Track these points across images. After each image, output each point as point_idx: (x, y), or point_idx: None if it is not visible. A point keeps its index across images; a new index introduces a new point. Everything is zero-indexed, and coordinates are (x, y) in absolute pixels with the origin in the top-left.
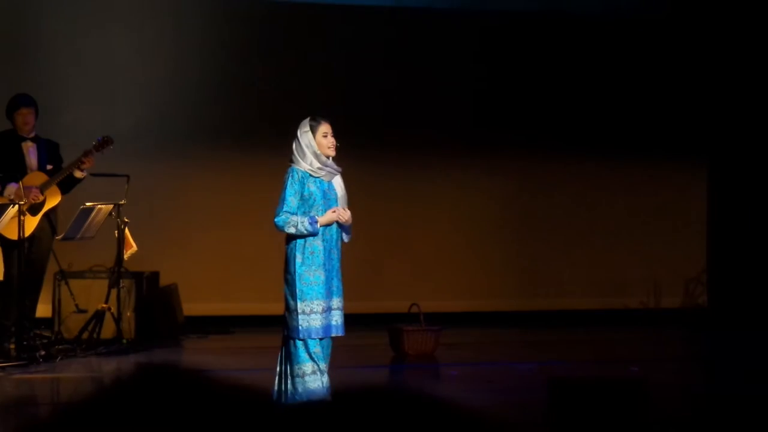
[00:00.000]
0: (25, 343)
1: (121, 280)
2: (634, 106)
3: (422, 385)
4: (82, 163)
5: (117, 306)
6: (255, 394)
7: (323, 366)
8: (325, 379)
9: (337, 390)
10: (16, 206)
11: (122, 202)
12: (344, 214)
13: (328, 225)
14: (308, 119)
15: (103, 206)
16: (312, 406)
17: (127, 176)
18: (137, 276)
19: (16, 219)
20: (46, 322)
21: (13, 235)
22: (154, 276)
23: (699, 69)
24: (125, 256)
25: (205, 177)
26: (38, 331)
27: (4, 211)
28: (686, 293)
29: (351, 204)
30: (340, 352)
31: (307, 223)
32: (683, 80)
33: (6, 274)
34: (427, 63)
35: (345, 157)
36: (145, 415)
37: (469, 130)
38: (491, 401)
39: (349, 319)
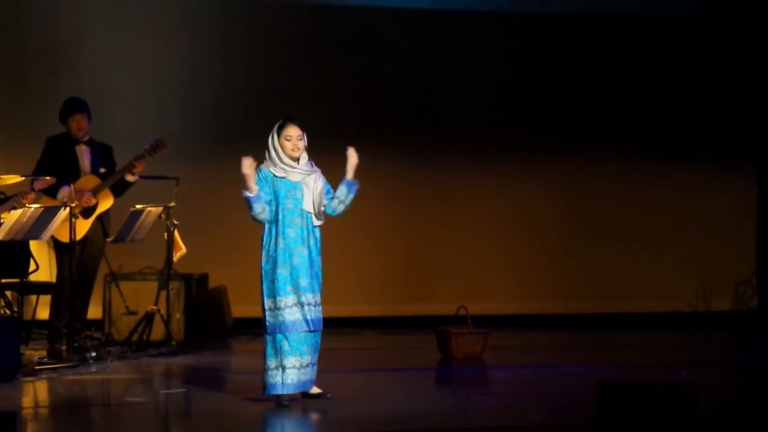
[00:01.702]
0: (76, 344)
1: (170, 282)
2: (682, 108)
3: None
4: (134, 167)
5: (166, 308)
6: None
7: (307, 359)
8: (307, 371)
9: None
10: (68, 209)
11: (172, 204)
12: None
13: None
14: (279, 122)
15: (152, 209)
16: None
17: (177, 179)
18: (186, 278)
19: (68, 222)
20: (97, 324)
21: (65, 237)
22: (204, 278)
23: (749, 71)
24: (175, 259)
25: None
26: (89, 333)
27: (56, 214)
28: (736, 296)
29: (398, 206)
30: (387, 354)
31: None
32: (733, 82)
33: (58, 276)
34: (469, 63)
35: (390, 161)
36: None
37: (516, 133)
38: (539, 404)
39: (397, 322)
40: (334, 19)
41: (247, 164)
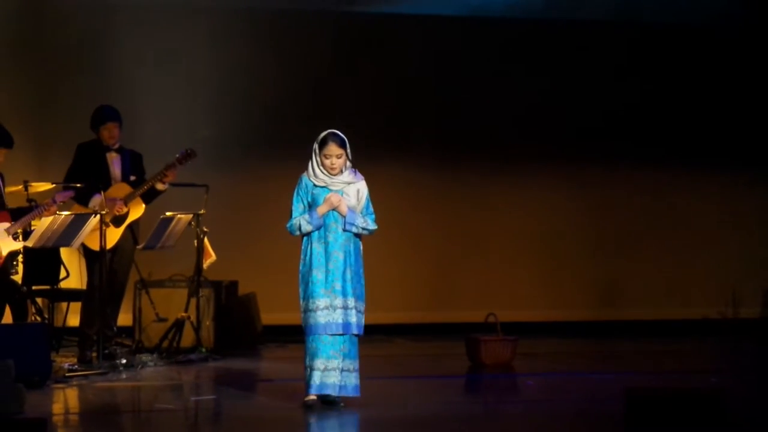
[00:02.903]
0: (106, 351)
1: (200, 289)
2: (707, 116)
3: None
4: (165, 176)
5: (196, 315)
6: None
7: (334, 363)
8: (331, 374)
9: None
10: (98, 216)
11: (201, 211)
12: (334, 198)
13: (328, 210)
14: (321, 136)
15: (182, 216)
16: None
17: (207, 186)
18: (216, 285)
19: (99, 230)
20: (127, 331)
21: (96, 245)
22: (233, 285)
23: None
24: (204, 266)
25: (284, 187)
26: (119, 340)
27: (87, 221)
28: (765, 303)
29: (427, 214)
30: (417, 361)
31: (306, 218)
32: (761, 88)
33: (89, 283)
34: (496, 72)
35: (419, 169)
36: None
37: (547, 140)
38: (568, 412)
39: (426, 329)
40: (362, 27)
41: (337, 200)
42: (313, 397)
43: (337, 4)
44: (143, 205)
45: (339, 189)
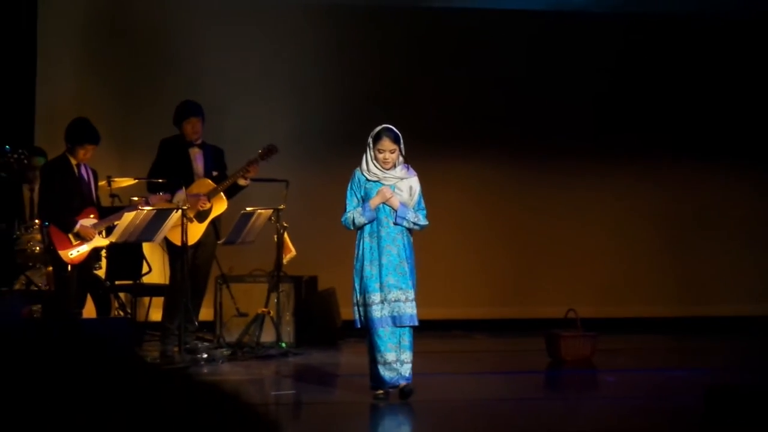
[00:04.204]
0: (188, 346)
1: (280, 285)
2: (754, 113)
3: None
4: (248, 171)
5: (276, 310)
6: None
7: (392, 356)
8: (390, 367)
9: None
10: (179, 211)
11: (282, 206)
12: (387, 191)
13: (380, 203)
14: (376, 131)
15: (262, 211)
16: None
17: (287, 181)
18: (296, 280)
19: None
20: (208, 326)
21: (178, 240)
22: (313, 280)
23: None
24: (284, 261)
25: None
26: (201, 335)
27: (168, 216)
28: None
29: (507, 209)
30: (497, 357)
31: (359, 211)
32: None
33: (171, 278)
34: (578, 67)
35: (498, 162)
36: None
37: (621, 136)
38: (648, 408)
39: (506, 325)
40: (440, 22)
41: (390, 193)
42: (380, 391)
43: (417, 0)
44: (226, 201)
45: (391, 184)
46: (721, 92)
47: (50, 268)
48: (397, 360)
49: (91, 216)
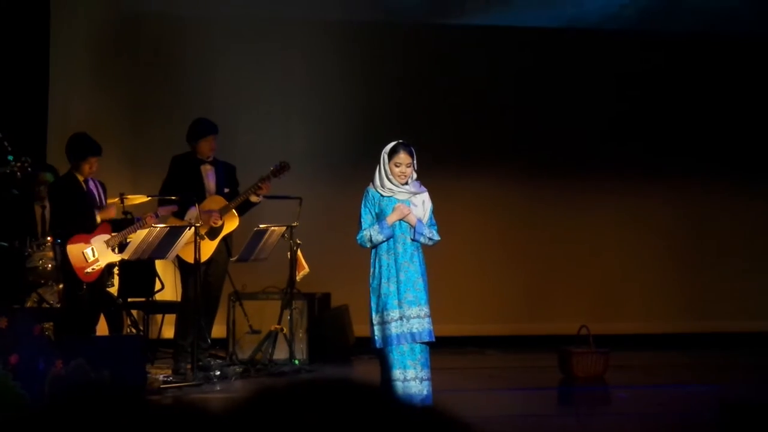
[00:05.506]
0: (200, 363)
1: (293, 302)
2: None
3: None
4: (260, 188)
5: (289, 327)
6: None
7: (412, 373)
8: (410, 385)
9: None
10: (192, 229)
11: (295, 224)
12: (404, 208)
13: (397, 220)
14: (391, 145)
15: (276, 228)
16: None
17: (300, 198)
18: (309, 297)
19: (194, 242)
20: (221, 343)
21: (191, 258)
22: (326, 297)
23: None
24: (297, 278)
25: None
26: (213, 352)
27: (181, 234)
28: None
29: (519, 226)
30: (509, 374)
31: (377, 229)
32: None
33: (184, 295)
34: (591, 85)
35: (509, 180)
36: None
37: (634, 155)
38: (662, 424)
39: (518, 341)
40: (451, 40)
41: (407, 209)
42: None
43: (431, 17)
44: (238, 218)
45: (405, 199)
46: (733, 110)
47: (61, 286)
48: (416, 377)
49: (104, 233)
